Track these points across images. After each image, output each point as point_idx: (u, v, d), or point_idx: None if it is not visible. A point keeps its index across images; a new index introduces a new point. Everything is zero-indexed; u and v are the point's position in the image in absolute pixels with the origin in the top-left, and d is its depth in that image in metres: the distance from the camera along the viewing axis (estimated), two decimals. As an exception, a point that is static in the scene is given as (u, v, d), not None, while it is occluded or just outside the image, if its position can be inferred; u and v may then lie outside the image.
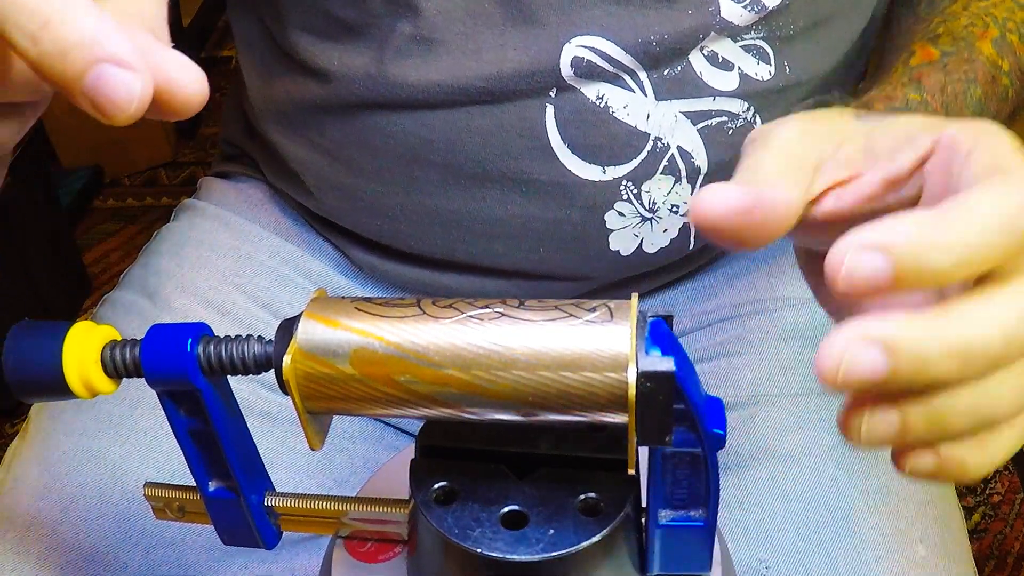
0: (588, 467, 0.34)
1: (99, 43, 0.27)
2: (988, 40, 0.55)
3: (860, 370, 0.27)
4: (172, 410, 0.34)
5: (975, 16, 0.56)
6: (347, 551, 0.38)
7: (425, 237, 0.60)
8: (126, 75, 0.27)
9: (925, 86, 0.51)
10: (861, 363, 0.27)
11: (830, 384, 0.27)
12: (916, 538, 0.56)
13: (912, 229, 0.27)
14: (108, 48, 0.27)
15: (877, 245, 0.27)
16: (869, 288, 0.27)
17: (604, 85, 0.53)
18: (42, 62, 0.27)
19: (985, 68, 0.53)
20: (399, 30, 0.53)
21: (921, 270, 0.27)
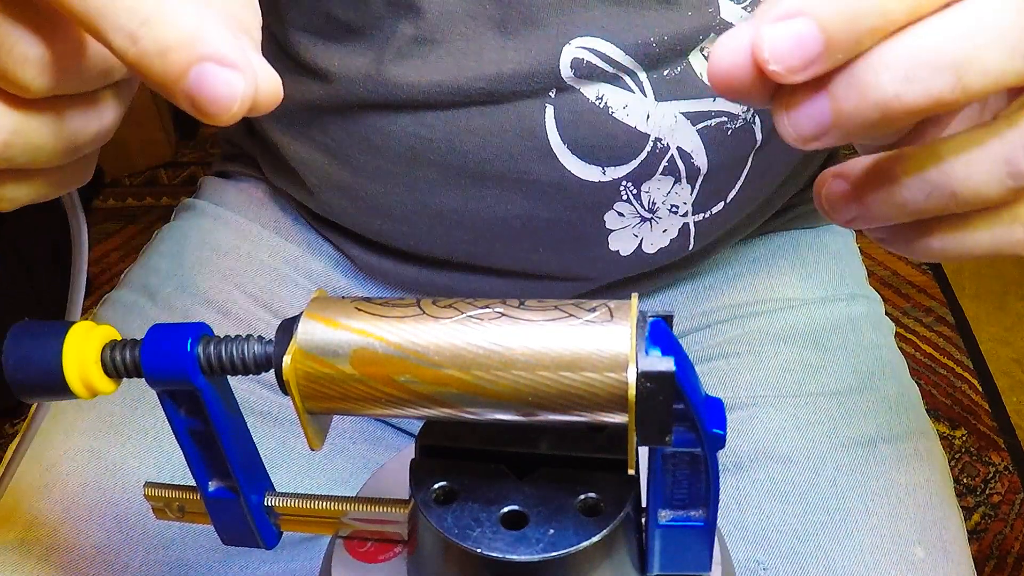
0: (588, 467, 0.34)
1: (201, 41, 0.26)
2: None
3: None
4: (172, 410, 0.34)
5: None
6: (347, 551, 0.38)
7: (425, 237, 0.60)
8: (229, 74, 0.26)
9: None
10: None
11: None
12: (914, 540, 0.56)
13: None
14: (210, 46, 0.26)
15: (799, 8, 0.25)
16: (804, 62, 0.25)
17: (604, 86, 0.53)
18: (141, 62, 0.26)
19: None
20: (400, 31, 0.53)
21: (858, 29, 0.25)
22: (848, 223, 0.30)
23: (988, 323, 1.58)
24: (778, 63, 0.25)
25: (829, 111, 0.26)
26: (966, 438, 1.40)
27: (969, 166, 0.27)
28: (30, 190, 0.31)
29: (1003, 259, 1.17)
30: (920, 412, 0.64)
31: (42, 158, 0.30)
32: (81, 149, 0.31)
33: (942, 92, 0.25)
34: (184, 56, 0.26)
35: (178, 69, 0.26)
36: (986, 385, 1.48)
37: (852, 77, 0.26)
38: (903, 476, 0.58)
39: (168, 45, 0.26)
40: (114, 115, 0.31)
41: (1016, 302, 1.61)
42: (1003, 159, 0.27)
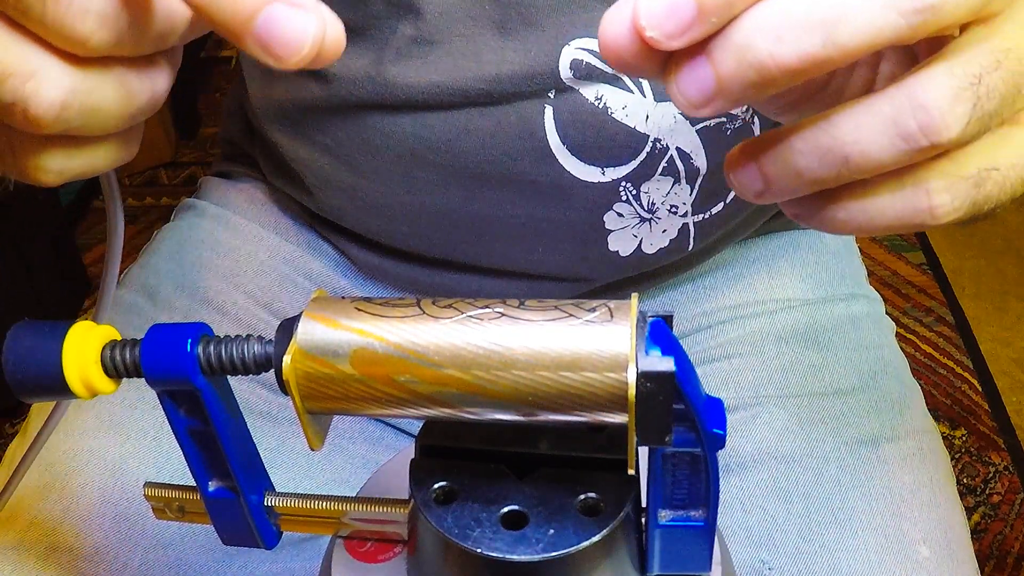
0: (588, 467, 0.34)
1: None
2: None
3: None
4: (172, 410, 0.34)
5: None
6: (347, 551, 0.38)
7: (424, 237, 0.60)
8: (299, 15, 0.26)
9: None
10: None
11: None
12: (919, 539, 0.56)
13: None
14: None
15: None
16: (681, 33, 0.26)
17: (603, 86, 0.53)
18: (211, 6, 0.26)
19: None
20: (400, 32, 0.53)
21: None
22: (757, 197, 0.30)
23: (988, 323, 1.58)
24: (654, 29, 0.26)
25: (711, 76, 0.26)
26: (966, 438, 1.40)
27: (858, 130, 0.27)
28: (81, 161, 0.31)
29: (1003, 259, 1.17)
30: (922, 411, 0.64)
31: (97, 122, 0.29)
32: (134, 116, 0.30)
33: (814, 51, 0.26)
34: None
35: (248, 11, 0.26)
36: (986, 385, 1.48)
37: (728, 40, 0.26)
38: (906, 475, 0.58)
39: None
40: (166, 82, 0.31)
41: (1016, 302, 1.61)
42: (890, 120, 0.27)
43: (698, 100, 0.27)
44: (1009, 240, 1.69)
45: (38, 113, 0.28)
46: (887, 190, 0.29)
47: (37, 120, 0.28)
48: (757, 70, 0.26)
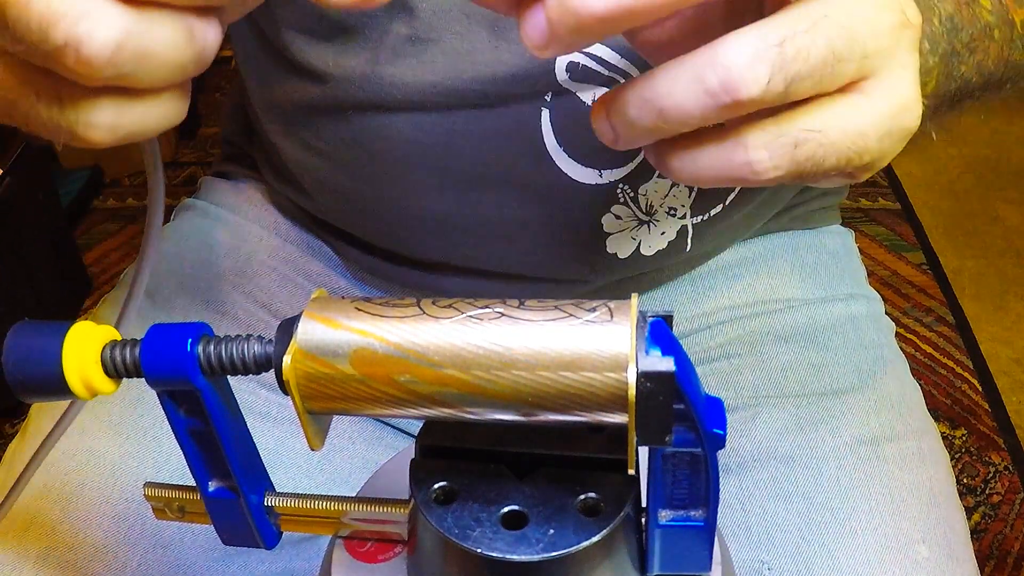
0: (588, 467, 0.34)
1: None
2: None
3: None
4: (172, 410, 0.34)
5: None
6: (347, 551, 0.38)
7: (422, 240, 0.60)
8: None
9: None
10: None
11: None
12: (919, 539, 0.56)
13: None
14: None
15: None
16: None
17: (600, 89, 0.53)
18: None
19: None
20: (394, 31, 0.53)
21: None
22: (612, 144, 0.32)
23: (988, 323, 1.58)
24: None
25: (544, 20, 0.29)
26: (966, 438, 1.40)
27: (671, 84, 0.29)
28: (133, 117, 0.31)
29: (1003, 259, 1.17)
30: (922, 411, 0.64)
31: (150, 70, 0.29)
32: (186, 68, 0.30)
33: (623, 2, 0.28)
34: None
35: None
36: (986, 385, 1.48)
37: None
38: (906, 475, 0.58)
39: None
40: (216, 38, 0.31)
41: (1016, 302, 1.61)
42: (697, 76, 0.29)
43: (538, 42, 0.29)
44: (1009, 240, 1.70)
45: (91, 54, 0.28)
46: (711, 144, 0.31)
47: (90, 62, 0.28)
48: (576, 18, 0.28)
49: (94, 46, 0.27)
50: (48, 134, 0.31)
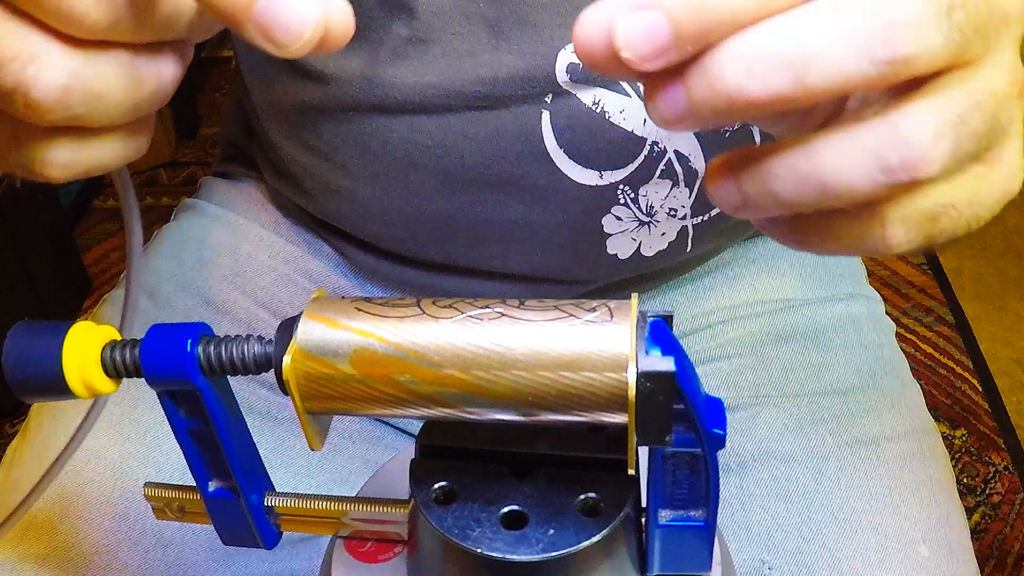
0: (588, 467, 0.34)
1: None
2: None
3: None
4: (172, 410, 0.34)
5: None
6: (347, 551, 0.38)
7: (422, 241, 0.60)
8: (298, 0, 0.26)
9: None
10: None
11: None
12: (919, 538, 0.56)
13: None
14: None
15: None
16: (654, 54, 0.26)
17: (600, 90, 0.53)
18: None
19: None
20: (393, 32, 0.53)
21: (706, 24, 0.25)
22: (734, 211, 0.30)
23: (988, 323, 1.58)
24: (630, 51, 0.26)
25: (684, 98, 0.27)
26: (966, 438, 1.40)
27: (838, 159, 0.27)
28: (87, 154, 0.30)
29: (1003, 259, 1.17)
30: (922, 410, 0.64)
31: (101, 110, 0.29)
32: (139, 106, 0.30)
33: (782, 89, 0.26)
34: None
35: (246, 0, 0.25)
36: (986, 385, 1.48)
37: (701, 68, 0.26)
38: (906, 474, 0.58)
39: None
40: (173, 74, 0.30)
41: (1016, 302, 1.61)
42: (872, 152, 0.27)
43: (670, 118, 0.27)
44: (1009, 240, 1.69)
45: (39, 97, 0.27)
46: (845, 215, 0.29)
47: (39, 105, 0.27)
48: (726, 100, 0.26)
49: (41, 90, 0.27)
50: (4, 170, 0.31)
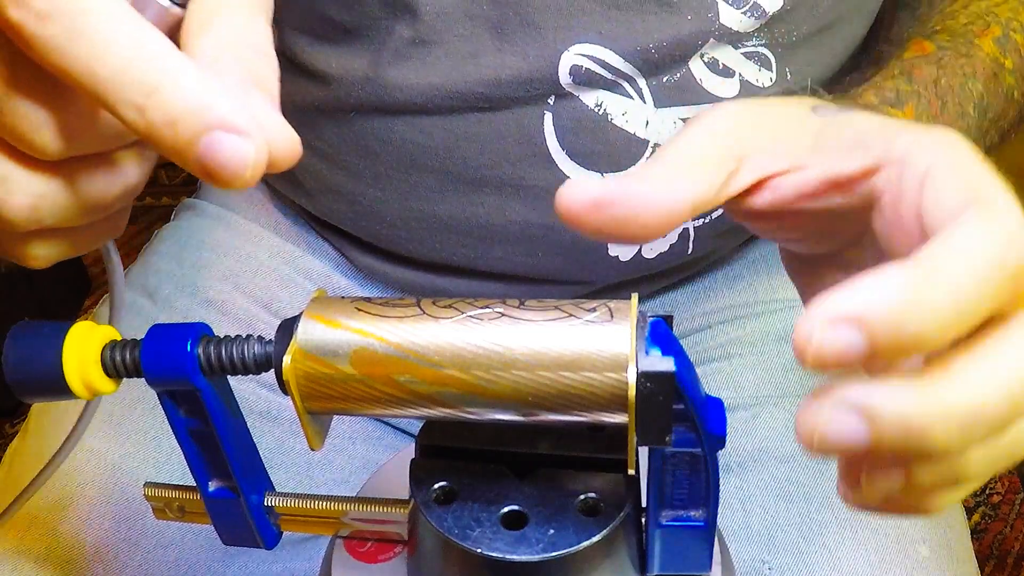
0: (588, 467, 0.34)
1: (208, 109, 0.26)
2: (989, 38, 0.54)
3: (838, 439, 0.25)
4: (172, 410, 0.34)
5: (975, 15, 0.55)
6: (347, 551, 0.38)
7: (423, 242, 0.60)
8: (239, 141, 0.26)
9: (916, 78, 0.49)
10: (839, 431, 0.25)
11: (808, 449, 0.26)
12: (919, 538, 0.56)
13: (889, 293, 0.24)
14: (217, 114, 0.26)
15: (849, 317, 0.24)
16: (844, 364, 0.24)
17: (603, 93, 0.53)
18: (151, 132, 0.26)
19: (985, 64, 0.52)
20: (396, 33, 0.53)
21: (903, 341, 0.24)
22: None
23: (988, 323, 1.58)
24: (817, 362, 0.25)
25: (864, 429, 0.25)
26: (966, 438, 1.40)
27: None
28: (62, 248, 0.32)
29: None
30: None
31: (70, 218, 0.30)
32: (108, 207, 0.31)
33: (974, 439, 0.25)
34: (192, 125, 0.26)
35: (187, 138, 0.26)
36: (986, 385, 1.48)
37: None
38: (907, 475, 0.58)
39: (175, 115, 0.26)
40: (138, 173, 0.31)
41: (1016, 302, 1.61)
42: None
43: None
44: (1009, 240, 1.69)
45: (11, 217, 0.29)
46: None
47: (11, 221, 0.29)
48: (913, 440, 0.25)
49: (12, 210, 0.29)
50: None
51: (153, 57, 0.26)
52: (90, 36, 0.26)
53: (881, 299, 0.24)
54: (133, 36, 0.26)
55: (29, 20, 0.26)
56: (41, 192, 0.29)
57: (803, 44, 0.56)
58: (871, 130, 0.30)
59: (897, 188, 0.28)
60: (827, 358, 0.25)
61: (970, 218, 0.25)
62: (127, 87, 0.26)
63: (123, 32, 0.26)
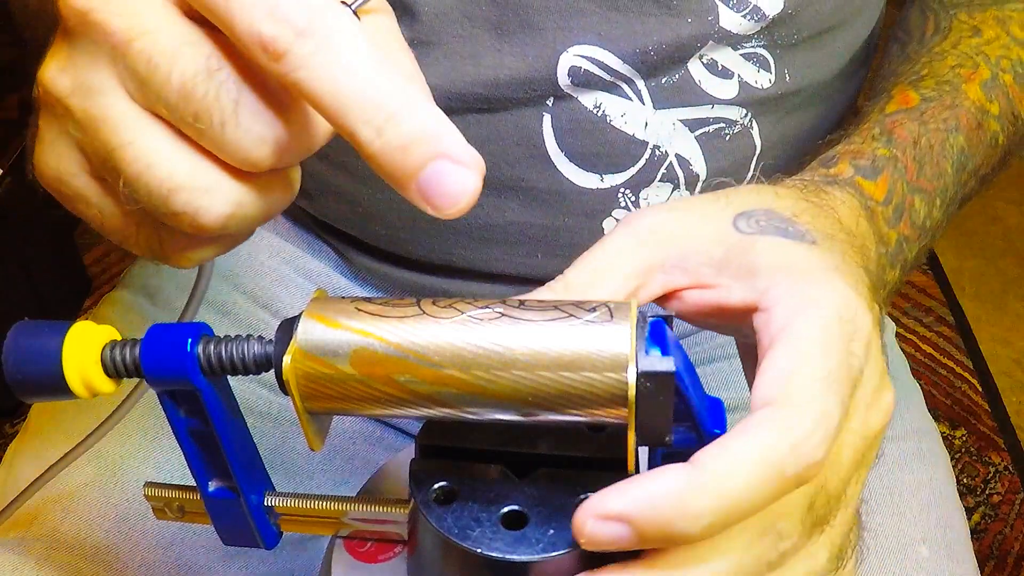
0: (588, 467, 0.34)
1: (439, 137, 0.27)
2: (976, 83, 0.53)
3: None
4: (172, 410, 0.34)
5: (964, 56, 0.55)
6: (347, 551, 0.38)
7: (423, 243, 0.60)
8: (462, 171, 0.27)
9: (897, 139, 0.49)
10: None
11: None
12: (919, 539, 0.56)
13: (657, 496, 0.27)
14: (446, 143, 0.27)
15: (617, 515, 0.28)
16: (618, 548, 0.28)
17: (601, 94, 0.53)
18: (382, 154, 0.27)
19: (970, 114, 0.52)
20: None
21: (670, 536, 0.28)
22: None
23: (988, 323, 1.58)
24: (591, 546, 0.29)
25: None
26: (966, 438, 1.40)
27: None
28: (220, 251, 0.33)
29: (1003, 259, 1.17)
30: (922, 411, 0.64)
31: (252, 227, 0.32)
32: (273, 215, 0.32)
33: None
34: (424, 152, 0.27)
35: (416, 164, 0.27)
36: (986, 385, 1.48)
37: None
38: (907, 475, 0.58)
39: (412, 140, 0.27)
40: (298, 181, 0.33)
41: (1016, 302, 1.61)
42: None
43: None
44: (1009, 240, 1.70)
45: (206, 223, 0.30)
46: None
47: (203, 228, 0.30)
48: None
49: (210, 216, 0.30)
50: (135, 252, 0.34)
51: (394, 81, 0.27)
52: (342, 55, 0.27)
53: (649, 502, 0.27)
54: (377, 59, 0.27)
55: (286, 35, 0.27)
56: (240, 201, 0.30)
57: (803, 46, 0.56)
58: (766, 266, 0.33)
59: (761, 334, 0.32)
60: (599, 545, 0.28)
61: (761, 420, 0.29)
62: (368, 108, 0.27)
63: (369, 55, 0.27)
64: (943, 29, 0.58)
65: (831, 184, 0.43)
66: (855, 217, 0.42)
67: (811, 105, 0.59)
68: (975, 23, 0.57)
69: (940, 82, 0.53)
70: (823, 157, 0.48)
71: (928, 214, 0.48)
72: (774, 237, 0.35)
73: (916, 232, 0.47)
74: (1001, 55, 0.55)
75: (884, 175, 0.47)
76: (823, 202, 0.40)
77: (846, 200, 0.42)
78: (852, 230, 0.40)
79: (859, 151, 0.48)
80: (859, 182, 0.45)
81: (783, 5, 0.53)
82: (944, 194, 0.49)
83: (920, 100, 0.52)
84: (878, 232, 0.44)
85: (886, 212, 0.45)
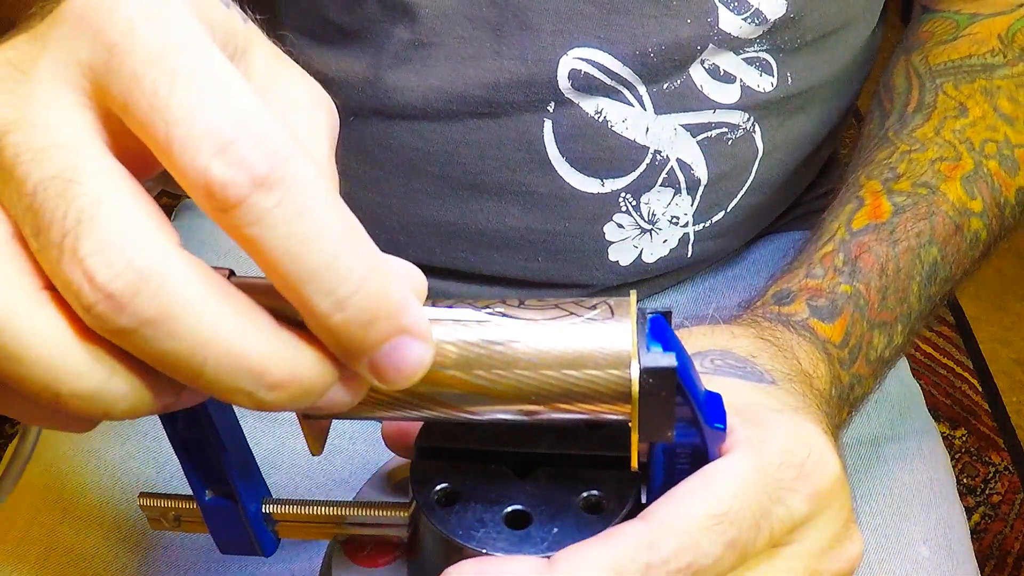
0: (589, 464, 0.34)
1: (404, 311, 0.24)
2: (957, 180, 0.52)
3: None
4: (168, 418, 0.34)
5: (946, 145, 0.53)
6: (346, 556, 0.38)
7: (423, 247, 0.60)
8: (419, 346, 0.25)
9: (861, 269, 0.48)
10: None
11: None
12: (919, 539, 0.56)
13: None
14: (411, 316, 0.24)
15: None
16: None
17: (603, 99, 0.53)
18: (339, 330, 0.24)
19: (948, 218, 0.50)
20: (396, 35, 0.53)
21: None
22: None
23: (988, 323, 1.58)
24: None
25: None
26: (966, 438, 1.40)
27: None
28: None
29: (1003, 259, 1.18)
30: (922, 411, 0.64)
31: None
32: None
33: None
34: (387, 328, 0.24)
35: (377, 341, 0.24)
36: (986, 385, 1.48)
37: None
38: (907, 475, 0.58)
39: (376, 315, 0.24)
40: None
41: (1016, 302, 1.61)
42: None
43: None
44: (1009, 240, 1.69)
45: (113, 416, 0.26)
46: None
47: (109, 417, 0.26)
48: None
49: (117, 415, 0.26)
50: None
51: (363, 244, 0.24)
52: (309, 215, 0.23)
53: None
54: (344, 215, 0.24)
55: (241, 182, 0.22)
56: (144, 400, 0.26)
57: (807, 49, 0.56)
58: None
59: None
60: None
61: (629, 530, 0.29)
62: (333, 279, 0.23)
63: (337, 211, 0.23)
64: (926, 106, 0.56)
65: (785, 324, 0.43)
66: (814, 361, 0.41)
67: (813, 106, 0.59)
68: (962, 98, 0.56)
69: (916, 184, 0.51)
70: (779, 292, 0.47)
71: (888, 344, 0.48)
72: (728, 378, 0.34)
73: (871, 368, 0.47)
74: (987, 138, 0.54)
75: (843, 316, 0.46)
76: (780, 342, 0.40)
77: (802, 343, 0.42)
78: (810, 372, 0.40)
79: (818, 289, 0.47)
80: (813, 324, 0.44)
81: (785, 9, 0.53)
82: (907, 319, 0.48)
83: (892, 212, 0.50)
84: (835, 374, 0.43)
85: (841, 354, 0.44)
